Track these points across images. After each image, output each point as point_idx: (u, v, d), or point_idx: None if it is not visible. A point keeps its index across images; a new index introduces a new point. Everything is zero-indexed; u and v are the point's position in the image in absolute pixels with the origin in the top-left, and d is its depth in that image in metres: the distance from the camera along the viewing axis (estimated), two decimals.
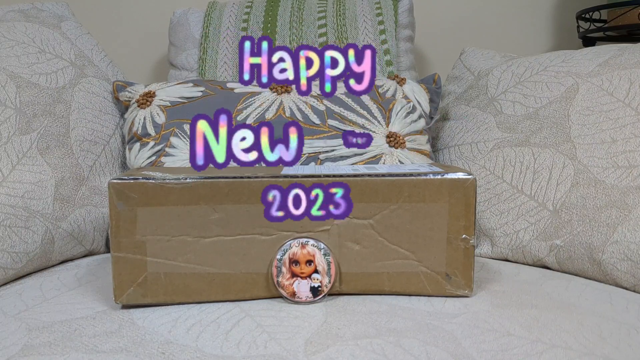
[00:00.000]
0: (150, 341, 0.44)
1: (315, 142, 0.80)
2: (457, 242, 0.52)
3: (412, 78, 1.05)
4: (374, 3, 1.08)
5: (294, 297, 0.51)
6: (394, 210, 0.51)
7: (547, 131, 0.75)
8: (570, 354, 0.42)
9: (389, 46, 1.03)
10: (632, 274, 0.59)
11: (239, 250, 0.51)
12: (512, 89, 0.83)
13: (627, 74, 0.72)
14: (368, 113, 0.84)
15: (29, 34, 0.88)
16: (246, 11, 1.09)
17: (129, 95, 0.89)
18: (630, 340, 0.45)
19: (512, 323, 0.47)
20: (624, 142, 0.67)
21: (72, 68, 0.89)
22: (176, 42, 1.10)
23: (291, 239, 0.51)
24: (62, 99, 0.83)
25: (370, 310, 0.49)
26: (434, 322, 0.47)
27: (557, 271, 0.67)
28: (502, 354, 0.42)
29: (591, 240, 0.63)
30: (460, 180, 0.51)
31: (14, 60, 0.82)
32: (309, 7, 1.08)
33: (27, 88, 0.80)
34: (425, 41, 1.31)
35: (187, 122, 0.82)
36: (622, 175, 0.65)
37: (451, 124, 0.90)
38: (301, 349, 0.43)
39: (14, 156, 0.73)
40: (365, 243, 0.52)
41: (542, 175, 0.71)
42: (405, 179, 0.51)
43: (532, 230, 0.69)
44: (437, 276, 0.52)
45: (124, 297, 0.51)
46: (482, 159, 0.80)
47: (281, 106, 0.83)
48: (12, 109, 0.77)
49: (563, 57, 0.82)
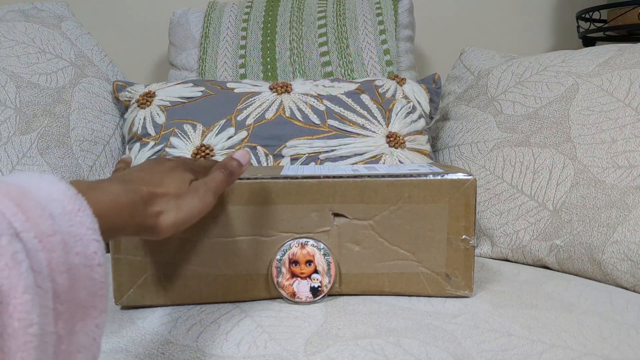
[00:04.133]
0: (150, 341, 0.44)
1: (315, 142, 0.80)
2: (457, 243, 0.52)
3: (412, 78, 1.05)
4: (374, 3, 1.08)
5: (294, 297, 0.51)
6: (394, 211, 0.51)
7: (547, 131, 0.75)
8: (570, 354, 0.42)
9: (389, 46, 1.03)
10: (632, 274, 0.59)
11: (239, 251, 0.51)
12: (512, 89, 0.83)
13: (627, 74, 0.72)
14: (368, 113, 0.84)
15: (29, 34, 0.88)
16: (246, 11, 1.09)
17: (129, 95, 0.89)
18: (630, 340, 0.45)
19: (512, 323, 0.47)
20: (624, 142, 0.67)
21: (72, 68, 0.89)
22: (176, 42, 1.10)
23: (291, 239, 0.51)
24: (62, 99, 0.83)
25: (370, 311, 0.49)
26: (434, 322, 0.47)
27: (557, 271, 0.67)
28: (502, 354, 0.42)
29: (591, 240, 0.63)
30: (460, 181, 0.51)
31: (14, 60, 0.82)
32: (309, 7, 1.08)
33: (27, 88, 0.80)
34: (425, 41, 1.31)
35: (187, 122, 0.82)
36: (622, 175, 0.65)
37: (451, 124, 0.90)
38: (301, 349, 0.43)
39: (14, 156, 0.73)
40: (365, 244, 0.52)
41: (542, 175, 0.71)
42: (405, 179, 0.51)
43: (532, 230, 0.69)
44: (437, 277, 0.52)
45: (124, 299, 0.51)
46: (482, 159, 0.80)
47: (281, 106, 0.83)
48: (12, 109, 0.77)
49: (563, 57, 0.82)
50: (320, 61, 1.02)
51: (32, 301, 0.22)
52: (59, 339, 0.24)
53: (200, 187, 0.41)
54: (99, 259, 0.27)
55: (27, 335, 0.21)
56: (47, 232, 0.24)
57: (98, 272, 0.26)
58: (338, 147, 0.80)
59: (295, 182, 0.51)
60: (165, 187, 0.38)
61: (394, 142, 0.82)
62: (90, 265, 0.26)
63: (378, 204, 0.51)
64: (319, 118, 0.82)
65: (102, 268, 0.27)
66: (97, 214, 0.29)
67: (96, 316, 0.26)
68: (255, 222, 0.51)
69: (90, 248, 0.26)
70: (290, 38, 1.04)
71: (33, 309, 0.22)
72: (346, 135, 0.81)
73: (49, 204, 0.25)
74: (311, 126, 0.81)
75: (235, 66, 1.04)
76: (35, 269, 0.23)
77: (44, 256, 0.24)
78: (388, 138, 0.82)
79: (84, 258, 0.26)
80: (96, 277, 0.26)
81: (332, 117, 0.82)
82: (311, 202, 0.51)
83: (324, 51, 1.03)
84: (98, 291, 0.26)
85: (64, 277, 0.25)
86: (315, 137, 0.81)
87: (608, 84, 0.73)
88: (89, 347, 0.26)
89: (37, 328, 0.22)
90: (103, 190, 0.32)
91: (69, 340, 0.25)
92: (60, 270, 0.24)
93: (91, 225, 0.27)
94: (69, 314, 0.25)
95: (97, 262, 0.26)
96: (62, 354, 0.24)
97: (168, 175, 0.40)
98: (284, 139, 0.80)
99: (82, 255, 0.26)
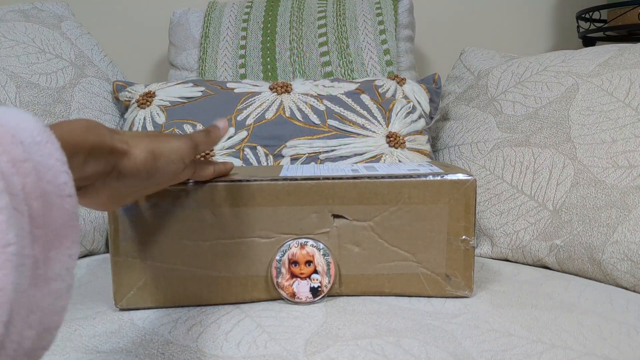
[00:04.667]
0: (150, 342, 0.44)
1: (315, 142, 0.80)
2: (457, 243, 0.52)
3: (412, 78, 1.05)
4: (374, 3, 1.08)
5: (294, 297, 0.51)
6: (394, 211, 0.51)
7: (547, 131, 0.75)
8: (570, 354, 0.42)
9: (389, 46, 1.03)
10: (632, 274, 0.59)
11: (238, 253, 0.51)
12: (512, 89, 0.83)
13: (627, 74, 0.72)
14: (368, 113, 0.84)
15: (29, 34, 0.88)
16: (246, 11, 1.09)
17: (129, 95, 0.89)
18: (630, 340, 0.45)
19: (512, 323, 0.47)
20: (624, 142, 0.67)
21: (72, 68, 0.89)
22: (176, 42, 1.10)
23: (290, 239, 0.51)
24: (62, 99, 0.83)
25: (370, 311, 0.49)
26: (434, 322, 0.47)
27: (557, 271, 0.67)
28: (502, 354, 0.42)
29: (591, 240, 0.63)
30: (460, 181, 0.51)
31: (14, 60, 0.82)
32: (309, 7, 1.08)
33: (27, 88, 0.80)
34: (425, 41, 1.31)
35: (187, 122, 0.82)
36: (622, 175, 0.65)
37: (451, 124, 0.90)
38: (301, 349, 0.43)
39: None
40: (365, 245, 0.52)
41: (542, 175, 0.71)
42: (405, 180, 0.51)
43: (532, 230, 0.69)
44: (437, 277, 0.52)
45: (124, 301, 0.51)
46: (482, 159, 0.80)
47: (281, 106, 0.83)
48: None
49: (563, 57, 0.82)
50: (320, 61, 1.02)
51: (7, 221, 0.22)
52: (36, 262, 0.24)
53: (178, 135, 0.43)
54: (69, 190, 0.27)
55: (6, 254, 0.22)
56: (19, 158, 0.24)
57: (69, 202, 0.26)
58: (338, 147, 0.80)
59: (295, 184, 0.51)
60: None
61: (394, 142, 0.82)
62: (62, 195, 0.26)
63: (378, 204, 0.51)
64: (319, 118, 0.82)
65: (73, 199, 0.27)
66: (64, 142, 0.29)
67: (69, 246, 0.26)
68: (255, 223, 0.51)
69: (60, 178, 0.26)
70: (290, 38, 1.04)
71: (9, 229, 0.22)
72: (346, 135, 0.81)
73: (18, 133, 0.25)
74: (311, 126, 0.81)
75: (235, 66, 1.04)
76: (10, 192, 0.23)
77: (18, 180, 0.24)
78: (388, 138, 0.82)
79: (56, 187, 0.26)
80: (67, 207, 0.26)
81: (332, 117, 0.82)
82: (310, 204, 0.51)
83: (324, 51, 1.03)
84: (70, 221, 0.27)
85: (39, 202, 0.25)
86: (315, 137, 0.81)
87: (608, 84, 0.73)
88: (64, 277, 0.26)
89: (15, 248, 0.22)
90: (70, 122, 0.33)
91: (45, 266, 0.25)
92: (35, 196, 0.25)
93: (60, 157, 0.27)
94: (44, 240, 0.25)
95: (67, 192, 0.26)
96: (39, 278, 0.25)
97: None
98: (284, 139, 0.80)
99: (53, 184, 0.26)
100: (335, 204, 0.51)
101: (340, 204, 0.51)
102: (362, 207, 0.51)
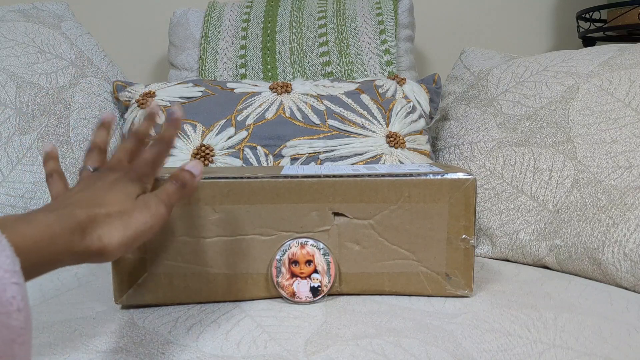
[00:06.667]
0: (150, 341, 0.44)
1: (315, 142, 0.80)
2: (457, 243, 0.52)
3: (412, 78, 1.05)
4: (374, 3, 1.08)
5: (294, 297, 0.51)
6: (394, 210, 0.51)
7: (547, 131, 0.75)
8: (570, 354, 0.42)
9: (389, 46, 1.03)
10: (632, 274, 0.59)
11: (239, 250, 0.51)
12: (512, 89, 0.83)
13: (627, 74, 0.72)
14: (368, 113, 0.84)
15: (29, 34, 0.88)
16: (246, 11, 1.09)
17: (129, 95, 0.89)
18: (630, 340, 0.45)
19: (512, 323, 0.47)
20: (624, 142, 0.67)
21: (72, 68, 0.89)
22: (176, 42, 1.10)
23: (290, 239, 0.51)
24: (62, 99, 0.83)
25: (370, 310, 0.49)
26: (434, 322, 0.47)
27: (557, 271, 0.67)
28: (502, 354, 0.42)
29: (591, 240, 0.63)
30: (460, 181, 0.51)
31: (14, 60, 0.82)
32: (309, 7, 1.08)
33: (27, 88, 0.80)
34: (425, 41, 1.31)
35: (187, 122, 0.82)
36: (622, 175, 0.65)
37: (451, 124, 0.90)
38: (301, 349, 0.43)
39: (14, 156, 0.73)
40: (365, 243, 0.52)
41: (542, 175, 0.71)
42: (405, 179, 0.51)
43: (532, 230, 0.69)
44: (437, 276, 0.52)
45: (123, 298, 0.51)
46: (482, 159, 0.80)
47: (281, 106, 0.83)
48: (12, 109, 0.77)
49: (563, 57, 0.82)
50: (320, 61, 1.02)
51: None
52: None
53: (151, 201, 0.39)
54: (18, 304, 0.24)
55: None
56: None
57: (17, 318, 0.24)
58: (338, 147, 0.80)
59: (295, 181, 0.51)
60: (107, 206, 0.36)
61: (394, 142, 0.82)
62: (7, 312, 0.24)
63: (378, 203, 0.51)
64: (319, 118, 0.82)
65: (22, 313, 0.24)
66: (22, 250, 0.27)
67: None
68: (255, 221, 0.51)
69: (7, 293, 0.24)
70: (290, 38, 1.04)
71: None
72: (346, 135, 0.81)
73: None
74: (311, 126, 0.81)
75: (235, 66, 1.04)
76: None
77: None
78: (388, 138, 0.82)
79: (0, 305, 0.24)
80: (14, 323, 0.24)
81: (332, 117, 0.82)
82: (311, 202, 0.51)
83: (324, 51, 1.03)
84: (16, 339, 0.24)
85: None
86: (315, 137, 0.81)
87: (608, 84, 0.73)
88: None
89: None
90: (31, 222, 0.30)
91: None
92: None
93: (10, 267, 0.24)
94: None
95: (15, 307, 0.24)
96: None
97: (110, 192, 0.38)
98: (284, 139, 0.80)
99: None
100: (336, 202, 0.51)
101: (341, 202, 0.51)
102: (363, 205, 0.51)
